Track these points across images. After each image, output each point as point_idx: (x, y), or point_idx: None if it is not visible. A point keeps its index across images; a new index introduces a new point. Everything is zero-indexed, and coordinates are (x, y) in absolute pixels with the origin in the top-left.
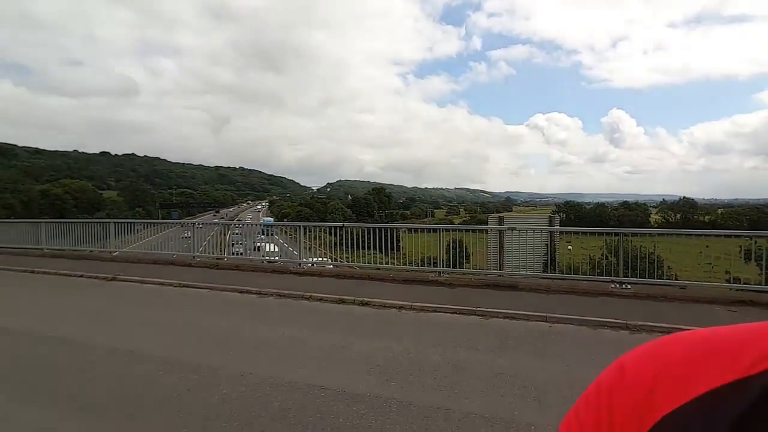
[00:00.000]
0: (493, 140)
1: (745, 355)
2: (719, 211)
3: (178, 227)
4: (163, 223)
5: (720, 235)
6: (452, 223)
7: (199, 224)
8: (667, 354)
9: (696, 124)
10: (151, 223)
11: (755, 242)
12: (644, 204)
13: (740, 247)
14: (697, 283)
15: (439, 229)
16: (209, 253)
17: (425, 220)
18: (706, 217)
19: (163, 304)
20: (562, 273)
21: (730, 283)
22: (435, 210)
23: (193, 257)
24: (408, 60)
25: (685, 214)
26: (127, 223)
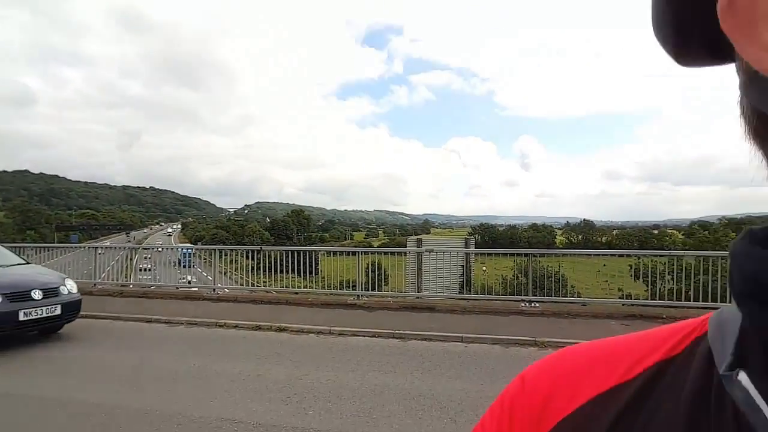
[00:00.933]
0: (412, 163)
1: (622, 363)
2: (614, 232)
3: (82, 250)
4: (60, 247)
5: (614, 255)
6: (371, 246)
7: (101, 249)
8: (561, 365)
9: (595, 153)
10: (44, 247)
11: (641, 261)
12: (550, 226)
13: (630, 266)
14: (596, 300)
15: (358, 252)
16: (113, 280)
17: (344, 242)
18: (603, 238)
19: (55, 339)
20: (477, 293)
21: (623, 299)
22: (354, 232)
23: (94, 284)
24: (330, 81)
25: (586, 236)
26: (16, 247)
